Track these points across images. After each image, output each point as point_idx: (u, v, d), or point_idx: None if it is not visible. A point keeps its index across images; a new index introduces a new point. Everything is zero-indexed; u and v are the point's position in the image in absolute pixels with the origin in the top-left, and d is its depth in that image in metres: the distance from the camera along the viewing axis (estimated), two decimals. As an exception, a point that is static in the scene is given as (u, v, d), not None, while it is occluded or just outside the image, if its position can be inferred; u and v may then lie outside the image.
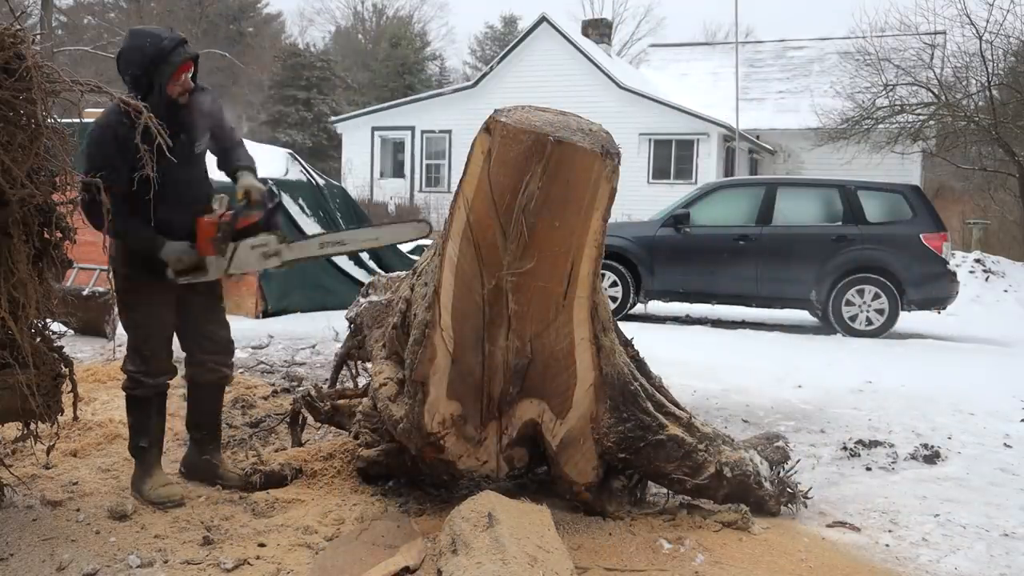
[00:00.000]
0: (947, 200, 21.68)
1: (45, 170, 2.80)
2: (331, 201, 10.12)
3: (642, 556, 2.91)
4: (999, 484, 3.98)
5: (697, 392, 5.76)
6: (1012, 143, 14.81)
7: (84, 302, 6.81)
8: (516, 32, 36.48)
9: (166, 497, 3.22)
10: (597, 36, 25.12)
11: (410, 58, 39.46)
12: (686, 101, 22.38)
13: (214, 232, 3.20)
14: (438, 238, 3.10)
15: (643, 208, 15.16)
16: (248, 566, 2.74)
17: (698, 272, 9.56)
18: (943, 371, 6.96)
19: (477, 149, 2.81)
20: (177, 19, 33.85)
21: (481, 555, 2.48)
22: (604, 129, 2.91)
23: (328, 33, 47.81)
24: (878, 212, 9.33)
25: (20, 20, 2.78)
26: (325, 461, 3.63)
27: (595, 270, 2.97)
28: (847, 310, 9.10)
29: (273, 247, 3.26)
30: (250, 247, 3.23)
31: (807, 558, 2.96)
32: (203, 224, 3.22)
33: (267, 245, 3.25)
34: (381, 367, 3.42)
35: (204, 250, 3.22)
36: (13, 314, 2.74)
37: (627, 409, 3.14)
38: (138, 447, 3.33)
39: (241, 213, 3.24)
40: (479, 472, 3.24)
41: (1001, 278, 13.04)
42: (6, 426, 3.07)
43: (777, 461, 3.48)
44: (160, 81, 3.09)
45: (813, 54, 26.71)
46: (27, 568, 2.68)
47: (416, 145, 23.73)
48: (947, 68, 16.21)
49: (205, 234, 3.21)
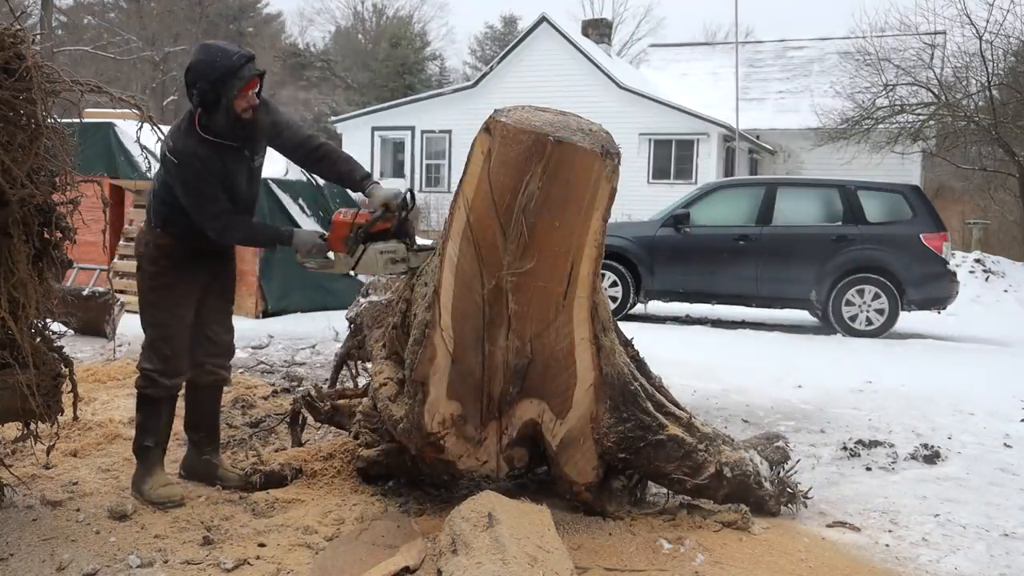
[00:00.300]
0: (947, 200, 21.69)
1: (45, 170, 2.80)
2: (331, 201, 10.11)
3: (642, 556, 2.91)
4: (999, 484, 3.98)
5: (697, 392, 5.76)
6: (1012, 143, 14.81)
7: (84, 302, 6.82)
8: (516, 32, 36.46)
9: (166, 497, 3.22)
10: (597, 36, 25.10)
11: (410, 58, 39.45)
12: (686, 101, 22.37)
13: (347, 231, 3.28)
14: (438, 238, 3.10)
15: (643, 208, 15.16)
16: (248, 566, 2.74)
17: (698, 272, 9.56)
18: (943, 371, 6.96)
19: (477, 149, 2.81)
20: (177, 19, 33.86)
21: (481, 555, 2.48)
22: (604, 129, 2.91)
23: (328, 33, 47.81)
24: (878, 212, 9.33)
25: (20, 20, 2.78)
26: (325, 461, 3.63)
27: (595, 270, 2.97)
28: (847, 310, 9.10)
29: (401, 254, 3.31)
30: (379, 251, 3.29)
31: (807, 558, 2.96)
32: (338, 222, 3.32)
33: (395, 252, 3.30)
34: (381, 367, 3.42)
35: (334, 245, 3.33)
36: (13, 314, 2.74)
37: (627, 409, 3.13)
38: (143, 446, 3.32)
39: (377, 218, 3.28)
40: (479, 472, 3.24)
41: (1001, 278, 13.04)
42: (6, 426, 3.07)
43: (777, 461, 3.48)
44: (228, 96, 3.12)
45: (813, 54, 26.69)
46: (27, 568, 2.68)
47: (416, 145, 23.72)
48: (947, 68, 16.22)
49: (338, 232, 3.30)
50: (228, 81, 3.09)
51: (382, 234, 3.28)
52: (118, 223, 9.06)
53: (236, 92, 3.12)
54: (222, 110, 3.13)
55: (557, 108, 2.98)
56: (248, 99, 3.18)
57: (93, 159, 8.88)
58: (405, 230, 3.30)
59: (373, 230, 3.27)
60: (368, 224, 3.26)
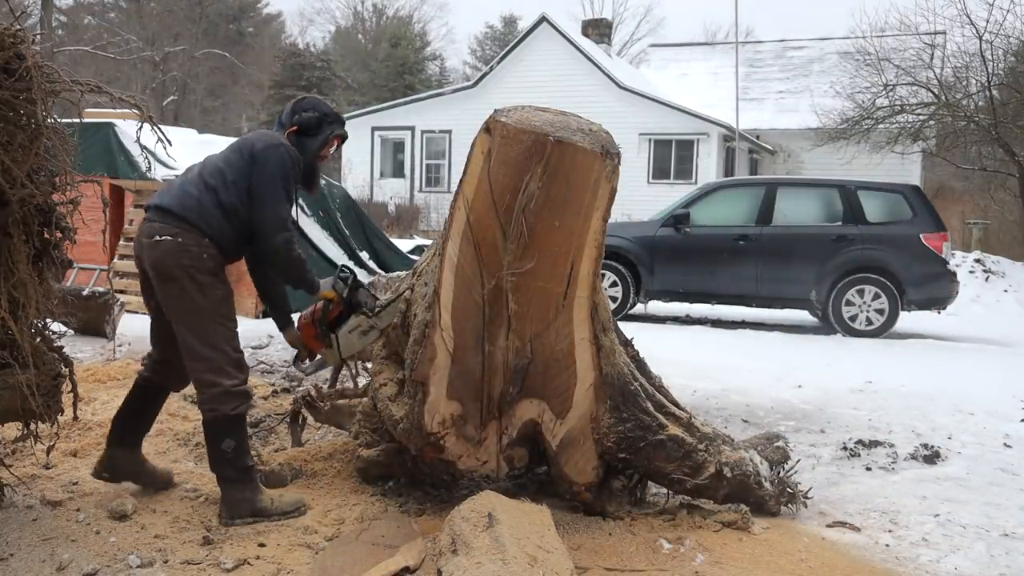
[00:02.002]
0: (947, 200, 21.68)
1: (45, 170, 2.80)
2: (331, 201, 10.13)
3: (642, 556, 2.91)
4: (999, 484, 3.98)
5: (697, 392, 5.76)
6: (1012, 143, 14.81)
7: (84, 302, 6.81)
8: (516, 32, 36.49)
9: (296, 503, 3.15)
10: (597, 36, 25.11)
11: (410, 58, 39.47)
12: (686, 101, 22.38)
13: (314, 330, 3.43)
14: (438, 238, 3.10)
15: (643, 208, 15.16)
16: (248, 566, 2.74)
17: (698, 272, 9.56)
18: (943, 371, 6.96)
19: (477, 149, 2.81)
20: (177, 19, 33.86)
21: (481, 555, 2.48)
22: (604, 129, 2.91)
23: (328, 33, 47.86)
24: (878, 212, 9.33)
25: (20, 20, 2.78)
26: (325, 461, 3.63)
27: (595, 270, 2.97)
28: (847, 310, 9.10)
29: (365, 325, 3.42)
30: (347, 333, 3.41)
31: (807, 558, 2.96)
32: (303, 325, 3.45)
33: (360, 326, 3.42)
34: (381, 367, 3.42)
35: (313, 347, 3.48)
36: (13, 314, 2.74)
37: (627, 409, 3.14)
38: (247, 467, 3.10)
39: (325, 310, 3.42)
40: (479, 472, 3.24)
41: (1001, 278, 13.04)
42: (6, 426, 3.06)
43: (777, 461, 3.48)
44: (324, 136, 3.32)
45: (813, 54, 26.71)
46: (27, 568, 2.68)
47: (416, 145, 23.73)
48: (947, 68, 16.22)
49: (307, 334, 3.44)
50: (332, 122, 3.34)
51: (341, 317, 3.41)
52: (118, 223, 9.05)
53: (331, 136, 3.34)
54: (315, 142, 3.30)
55: (557, 108, 2.98)
56: (327, 150, 3.39)
57: (93, 159, 8.88)
58: (357, 303, 3.40)
59: (330, 319, 3.41)
60: (324, 317, 3.41)
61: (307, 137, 3.28)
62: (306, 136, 3.28)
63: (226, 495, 3.08)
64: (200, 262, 3.03)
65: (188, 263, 3.01)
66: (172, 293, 3.03)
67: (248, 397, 3.11)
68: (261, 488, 3.13)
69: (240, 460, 3.07)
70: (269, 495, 3.13)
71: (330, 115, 3.35)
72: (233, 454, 3.06)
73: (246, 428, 3.18)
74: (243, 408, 3.08)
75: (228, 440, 3.05)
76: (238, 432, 3.08)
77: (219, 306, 3.07)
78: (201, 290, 3.02)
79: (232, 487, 3.07)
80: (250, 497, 3.07)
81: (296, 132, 3.27)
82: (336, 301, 3.40)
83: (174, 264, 3.00)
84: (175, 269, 3.00)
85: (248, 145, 3.16)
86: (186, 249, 3.01)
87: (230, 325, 3.10)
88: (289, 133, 3.27)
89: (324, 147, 3.35)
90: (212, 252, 3.06)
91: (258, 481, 3.16)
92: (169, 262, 3.01)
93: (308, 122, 3.28)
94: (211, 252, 3.06)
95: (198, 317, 3.03)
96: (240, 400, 3.06)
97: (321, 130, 3.30)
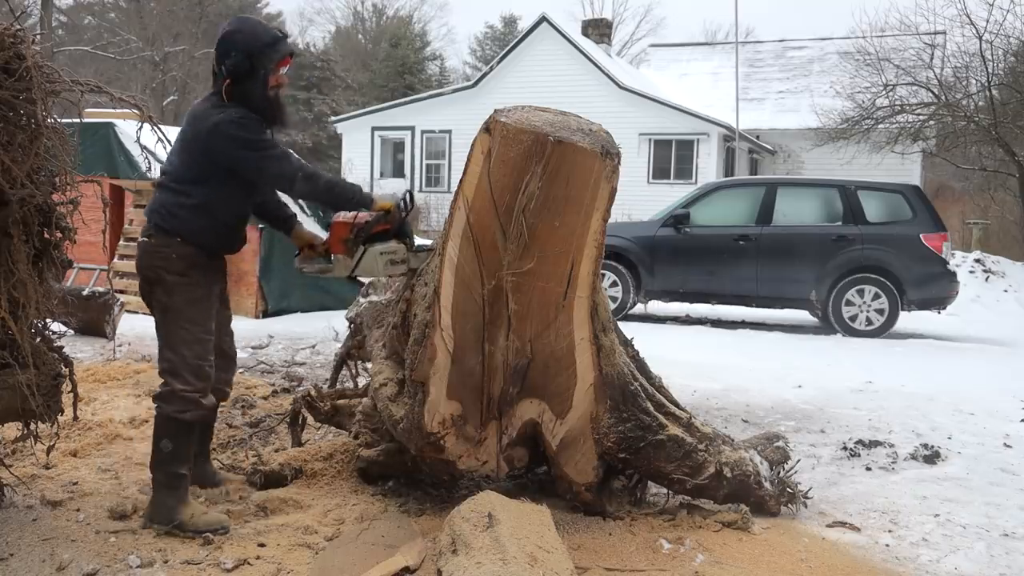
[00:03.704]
0: (947, 200, 21.70)
1: (45, 170, 2.80)
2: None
3: (642, 556, 2.91)
4: (999, 484, 3.98)
5: (697, 392, 5.76)
6: (1012, 143, 14.81)
7: (84, 302, 6.82)
8: (516, 32, 36.47)
9: (216, 523, 2.99)
10: (597, 36, 25.11)
11: (410, 58, 39.46)
12: (686, 101, 22.37)
13: (347, 233, 3.22)
14: (438, 238, 3.10)
15: (643, 208, 15.15)
16: (248, 566, 2.74)
17: (698, 272, 9.57)
18: (943, 371, 6.97)
19: (477, 149, 2.81)
20: (177, 19, 33.83)
21: (481, 555, 2.48)
22: (604, 129, 2.91)
23: (328, 33, 47.80)
24: (878, 212, 9.34)
25: (20, 20, 2.78)
26: (325, 461, 3.63)
27: (595, 270, 2.97)
28: (847, 310, 9.11)
29: (401, 255, 3.25)
30: (379, 253, 3.23)
31: (807, 558, 2.96)
32: (337, 223, 3.24)
33: (395, 253, 3.25)
34: (381, 367, 3.42)
35: (334, 247, 3.26)
36: (13, 314, 2.74)
37: (627, 409, 3.13)
38: (176, 474, 3.00)
39: (378, 219, 3.22)
40: (479, 472, 3.24)
41: (1001, 278, 13.04)
42: (6, 426, 3.06)
43: (777, 461, 3.48)
44: (266, 68, 3.02)
45: (813, 54, 26.70)
46: (27, 568, 2.68)
47: (416, 145, 23.73)
48: (947, 68, 16.22)
49: (338, 233, 3.24)
50: (266, 53, 3.01)
51: (382, 235, 3.24)
52: (118, 223, 9.06)
53: (274, 64, 3.04)
54: (256, 83, 3.02)
55: (557, 108, 2.98)
56: (280, 76, 3.09)
57: (93, 159, 8.87)
58: (405, 231, 3.27)
59: (373, 231, 3.22)
60: (369, 225, 3.21)
61: (246, 83, 3.01)
62: (244, 83, 3.01)
63: (153, 496, 3.04)
64: (168, 262, 3.02)
65: (158, 263, 3.03)
66: (144, 292, 3.11)
67: (198, 406, 3.00)
68: (187, 501, 3.02)
69: (172, 466, 2.99)
70: (191, 510, 2.99)
71: (257, 47, 3.00)
72: (167, 457, 2.99)
73: (189, 436, 3.04)
74: (188, 415, 2.99)
75: (165, 441, 2.99)
76: (178, 437, 3.00)
77: (185, 308, 3.01)
78: (167, 291, 3.02)
79: (159, 490, 3.01)
80: (172, 506, 2.98)
81: (232, 83, 3.02)
82: (392, 215, 3.21)
83: (147, 265, 3.07)
84: (146, 269, 3.06)
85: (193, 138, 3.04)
86: (157, 250, 3.04)
87: (194, 329, 3.01)
88: (227, 87, 3.03)
89: (271, 80, 3.06)
90: (184, 251, 3.02)
91: (185, 493, 3.03)
92: (144, 262, 3.08)
93: (239, 68, 2.99)
94: (182, 252, 3.02)
95: (163, 316, 3.05)
96: (185, 406, 2.98)
97: (256, 70, 3.01)
